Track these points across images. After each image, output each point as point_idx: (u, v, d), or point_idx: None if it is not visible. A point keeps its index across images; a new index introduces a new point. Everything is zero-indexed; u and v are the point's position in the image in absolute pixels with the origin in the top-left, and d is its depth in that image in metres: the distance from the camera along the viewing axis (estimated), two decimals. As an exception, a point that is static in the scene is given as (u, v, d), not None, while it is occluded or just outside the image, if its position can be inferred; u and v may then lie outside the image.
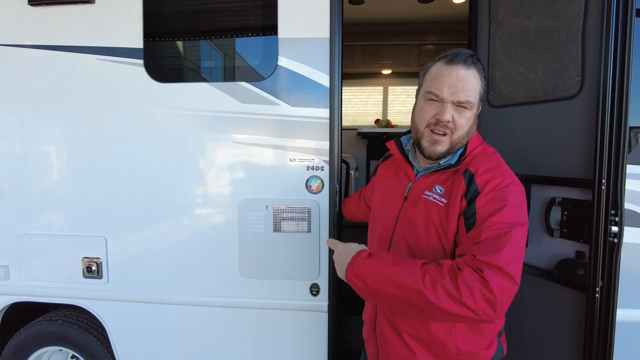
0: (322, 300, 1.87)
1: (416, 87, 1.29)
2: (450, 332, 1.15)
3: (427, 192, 1.19)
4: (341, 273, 1.13)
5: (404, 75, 4.64)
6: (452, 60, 1.12)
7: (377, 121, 4.65)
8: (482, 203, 1.06)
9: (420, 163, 1.28)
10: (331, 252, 1.82)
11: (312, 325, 1.90)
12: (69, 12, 1.89)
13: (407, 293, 0.98)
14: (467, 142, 1.20)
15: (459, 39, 4.12)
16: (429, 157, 1.19)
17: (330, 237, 1.82)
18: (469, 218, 1.07)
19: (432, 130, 1.16)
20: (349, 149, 4.55)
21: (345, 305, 2.29)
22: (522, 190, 1.12)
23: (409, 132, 1.36)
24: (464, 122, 1.15)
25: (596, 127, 1.36)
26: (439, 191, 1.17)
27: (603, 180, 1.33)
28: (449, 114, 1.13)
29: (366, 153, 4.68)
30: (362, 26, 4.19)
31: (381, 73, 4.70)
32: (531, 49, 1.60)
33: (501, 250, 0.99)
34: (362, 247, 1.16)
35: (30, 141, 1.98)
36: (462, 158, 1.19)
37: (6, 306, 2.08)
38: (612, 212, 1.36)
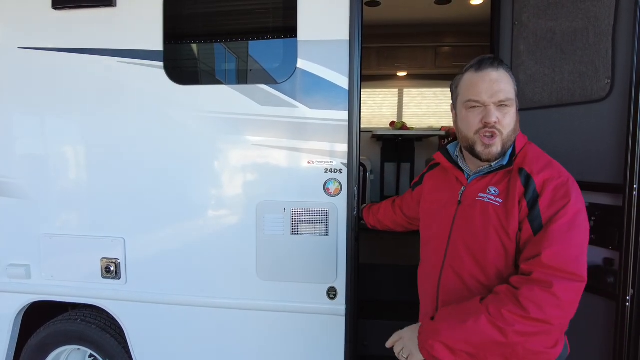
0: (340, 304, 1.85)
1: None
2: None
3: (481, 194, 1.22)
4: (416, 348, 1.17)
5: (419, 78, 4.60)
6: (480, 67, 1.18)
7: (392, 123, 4.62)
8: (545, 204, 1.10)
9: (471, 167, 1.30)
10: (350, 254, 1.80)
11: (329, 328, 1.88)
12: (91, 15, 1.92)
13: (483, 335, 1.04)
14: (515, 141, 1.23)
15: (476, 40, 4.06)
16: (487, 160, 1.22)
17: (347, 239, 1.82)
18: (534, 220, 1.10)
19: (482, 135, 1.19)
20: (363, 152, 4.51)
21: (362, 309, 2.27)
22: (576, 184, 1.15)
23: (447, 140, 1.37)
24: (509, 120, 1.18)
25: (627, 131, 1.32)
26: (493, 192, 1.20)
27: (635, 186, 1.29)
28: (494, 115, 1.16)
29: (381, 155, 4.66)
30: (378, 28, 4.17)
31: (397, 75, 4.68)
32: (558, 50, 1.56)
33: (562, 251, 1.04)
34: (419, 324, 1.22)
35: (52, 142, 2.01)
36: (513, 158, 1.21)
37: (27, 304, 2.10)
38: (644, 218, 1.31)
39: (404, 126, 4.51)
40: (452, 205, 1.29)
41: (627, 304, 1.34)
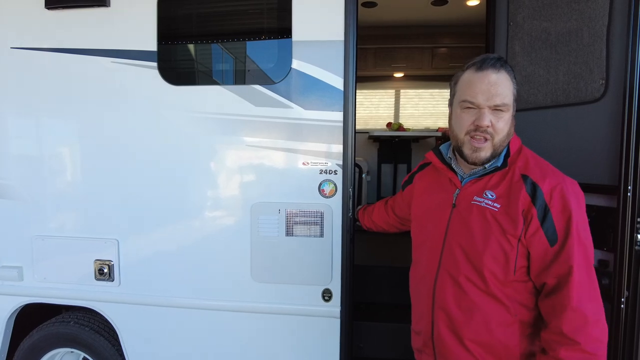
0: (334, 306, 1.84)
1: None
2: (512, 335, 1.17)
3: (477, 198, 1.20)
4: None
5: (416, 79, 4.61)
6: (481, 67, 1.14)
7: (388, 124, 4.62)
8: (558, 213, 1.10)
9: (464, 169, 1.27)
10: (345, 256, 1.79)
11: (324, 331, 1.87)
12: (85, 15, 1.91)
13: None
14: (509, 143, 1.20)
15: (472, 41, 4.08)
16: (473, 164, 1.20)
17: (342, 241, 1.81)
18: (548, 230, 1.11)
19: (472, 137, 1.17)
20: (360, 153, 4.53)
21: (357, 311, 2.26)
22: (577, 184, 1.17)
23: (444, 142, 1.36)
24: (503, 125, 1.15)
25: (621, 132, 1.32)
26: (490, 196, 1.18)
27: (629, 187, 1.29)
28: (487, 119, 1.13)
29: (377, 157, 4.65)
30: (374, 29, 4.18)
31: (393, 76, 4.68)
32: (552, 51, 1.56)
33: (585, 286, 1.08)
34: None
35: (45, 143, 2.00)
36: (508, 159, 1.19)
37: (20, 307, 2.09)
38: (638, 219, 1.31)
39: (400, 127, 4.51)
40: (447, 207, 1.27)
41: (622, 305, 1.33)
